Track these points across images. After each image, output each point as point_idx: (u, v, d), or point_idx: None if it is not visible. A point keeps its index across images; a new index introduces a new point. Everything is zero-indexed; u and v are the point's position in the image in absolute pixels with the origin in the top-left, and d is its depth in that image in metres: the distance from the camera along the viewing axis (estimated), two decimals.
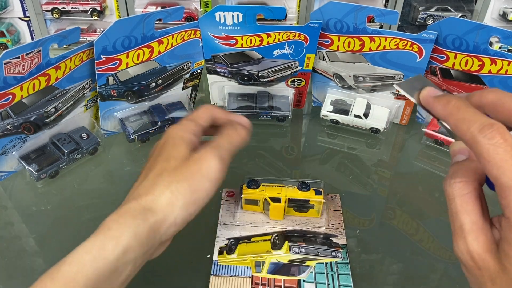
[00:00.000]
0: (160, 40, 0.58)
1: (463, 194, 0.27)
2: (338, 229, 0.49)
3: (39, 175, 0.55)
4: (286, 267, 0.44)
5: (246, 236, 0.46)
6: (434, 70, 0.62)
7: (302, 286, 0.42)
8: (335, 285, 0.43)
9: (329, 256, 0.45)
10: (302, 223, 0.48)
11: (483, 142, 0.24)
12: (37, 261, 0.47)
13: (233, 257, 0.44)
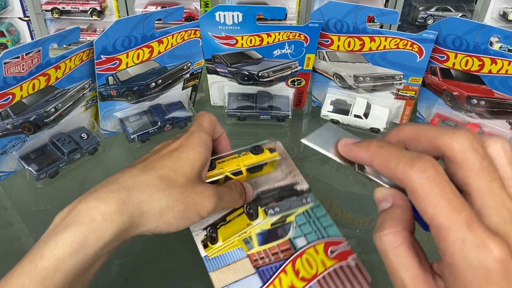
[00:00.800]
0: (160, 40, 0.58)
1: (395, 247, 0.24)
2: (295, 176, 0.49)
3: (39, 175, 0.55)
4: (272, 233, 0.44)
5: (221, 218, 0.45)
6: (434, 70, 0.62)
7: (295, 244, 0.43)
8: (319, 228, 0.44)
9: (302, 205, 0.46)
10: (263, 183, 0.48)
11: (415, 177, 0.22)
12: None
13: (219, 245, 0.43)
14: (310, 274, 0.41)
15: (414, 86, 0.63)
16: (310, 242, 0.43)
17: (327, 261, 0.42)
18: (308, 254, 0.42)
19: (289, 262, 0.41)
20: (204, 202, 0.36)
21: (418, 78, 0.62)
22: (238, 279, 0.41)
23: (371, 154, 0.26)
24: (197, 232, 0.45)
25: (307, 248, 0.43)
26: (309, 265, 0.41)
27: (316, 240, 0.43)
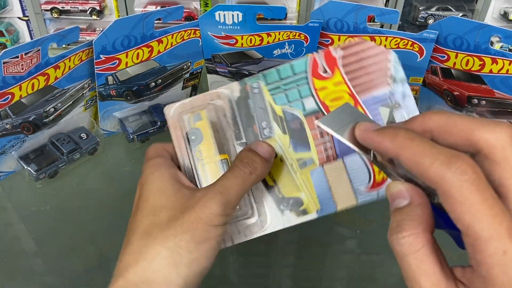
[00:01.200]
0: (160, 40, 0.58)
1: (416, 250, 0.22)
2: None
3: (38, 175, 0.55)
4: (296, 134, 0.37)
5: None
6: (435, 70, 0.62)
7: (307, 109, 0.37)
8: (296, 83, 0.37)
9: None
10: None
11: (452, 179, 0.20)
12: (36, 261, 0.47)
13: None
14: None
15: (414, 86, 0.63)
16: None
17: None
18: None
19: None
20: (206, 211, 0.29)
21: (419, 78, 0.62)
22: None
23: (398, 145, 0.23)
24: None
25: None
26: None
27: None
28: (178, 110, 0.38)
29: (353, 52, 0.36)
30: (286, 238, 0.50)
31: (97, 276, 0.45)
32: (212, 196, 0.30)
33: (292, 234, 0.51)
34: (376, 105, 0.36)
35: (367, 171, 0.36)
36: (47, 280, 0.45)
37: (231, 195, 0.31)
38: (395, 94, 0.36)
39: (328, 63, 0.36)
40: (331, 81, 0.36)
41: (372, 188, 0.36)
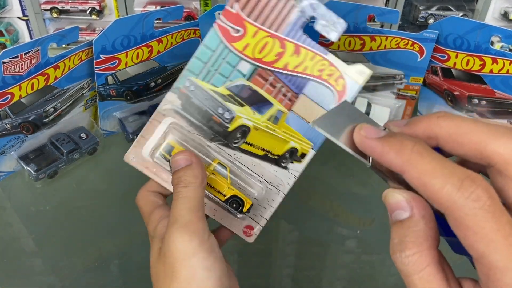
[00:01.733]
0: (160, 40, 0.58)
1: (421, 270, 0.20)
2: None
3: (38, 175, 0.55)
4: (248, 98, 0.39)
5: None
6: (435, 70, 0.62)
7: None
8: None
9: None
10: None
11: (465, 206, 0.18)
12: (36, 261, 0.47)
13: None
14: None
15: (415, 86, 0.63)
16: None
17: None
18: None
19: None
20: (175, 252, 0.29)
21: (419, 78, 0.62)
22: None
23: (405, 161, 0.20)
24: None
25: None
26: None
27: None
28: (143, 154, 0.39)
29: None
30: (286, 238, 0.50)
31: (97, 276, 0.45)
32: (170, 231, 0.29)
33: (292, 234, 0.51)
34: (299, 31, 0.36)
35: (327, 90, 0.37)
36: (47, 280, 0.45)
37: (184, 216, 0.30)
38: (305, 11, 0.36)
39: (234, 22, 0.37)
40: (248, 35, 0.37)
41: (340, 99, 0.37)
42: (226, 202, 0.38)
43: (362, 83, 0.36)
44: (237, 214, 0.39)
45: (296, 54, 0.37)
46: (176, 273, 0.28)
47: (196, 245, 0.28)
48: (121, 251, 0.48)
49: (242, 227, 0.39)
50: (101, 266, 0.46)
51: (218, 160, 0.38)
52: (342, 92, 0.37)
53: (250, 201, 0.38)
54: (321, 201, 0.55)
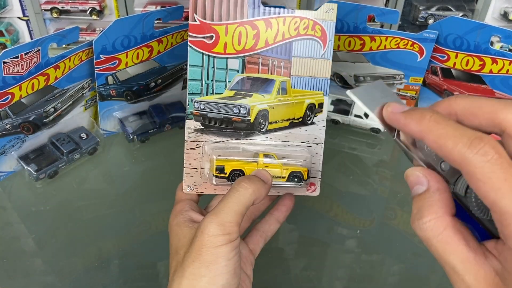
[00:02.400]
0: (160, 40, 0.58)
1: (439, 234, 0.23)
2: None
3: (38, 175, 0.55)
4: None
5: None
6: (435, 70, 0.62)
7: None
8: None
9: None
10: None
11: (475, 161, 0.21)
12: (36, 261, 0.47)
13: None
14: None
15: (414, 86, 0.63)
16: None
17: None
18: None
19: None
20: (204, 235, 0.32)
21: (419, 78, 0.62)
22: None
23: (424, 128, 0.23)
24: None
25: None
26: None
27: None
28: (197, 182, 0.41)
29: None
30: (286, 238, 0.50)
31: (97, 276, 0.45)
32: (208, 221, 0.33)
33: (292, 234, 0.51)
34: (260, 7, 0.39)
35: (311, 41, 0.40)
36: (47, 280, 0.45)
37: (226, 214, 0.33)
38: None
39: (203, 31, 0.39)
40: (221, 36, 0.39)
41: (324, 46, 0.40)
42: (289, 181, 0.41)
43: (335, 17, 0.39)
44: (303, 183, 0.42)
45: (269, 27, 0.39)
46: (200, 255, 0.32)
47: (224, 240, 0.32)
48: (121, 251, 0.48)
49: (305, 188, 0.43)
50: (101, 266, 0.46)
51: (262, 153, 0.41)
52: (324, 35, 0.40)
53: (306, 168, 0.41)
54: (321, 201, 0.55)
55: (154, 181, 0.58)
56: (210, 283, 0.31)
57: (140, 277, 0.46)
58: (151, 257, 0.48)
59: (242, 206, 0.34)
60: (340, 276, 0.46)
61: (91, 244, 0.49)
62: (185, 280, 0.31)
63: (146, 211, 0.53)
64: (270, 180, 0.38)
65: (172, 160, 0.61)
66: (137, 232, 0.50)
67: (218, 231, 0.32)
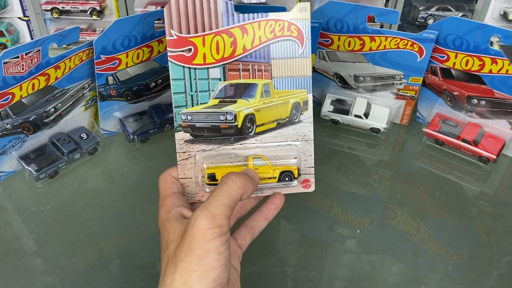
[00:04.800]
0: (160, 40, 0.58)
1: None
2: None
3: (39, 175, 0.55)
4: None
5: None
6: (435, 70, 0.62)
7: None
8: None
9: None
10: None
11: None
12: (36, 261, 0.47)
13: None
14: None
15: (414, 86, 0.63)
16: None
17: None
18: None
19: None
20: (195, 228, 0.32)
21: (419, 78, 0.62)
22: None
23: None
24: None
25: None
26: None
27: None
28: (193, 191, 0.41)
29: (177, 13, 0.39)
30: (286, 238, 0.50)
31: (97, 276, 0.45)
32: (198, 214, 0.33)
33: (292, 234, 0.51)
34: (234, 14, 0.40)
35: (288, 42, 0.41)
36: (47, 280, 0.45)
37: (216, 206, 0.33)
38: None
39: (180, 45, 0.40)
40: (199, 48, 0.40)
41: (302, 45, 0.41)
42: (280, 181, 0.42)
43: (309, 16, 0.40)
44: (294, 182, 0.42)
45: (245, 33, 0.40)
46: (192, 249, 0.32)
47: (215, 233, 0.32)
48: (121, 251, 0.48)
49: (300, 185, 0.43)
50: (101, 266, 0.46)
51: (251, 156, 0.41)
52: (300, 34, 0.41)
53: (296, 167, 0.42)
54: (321, 201, 0.55)
55: (154, 181, 0.57)
56: (201, 277, 0.31)
57: (140, 277, 0.46)
58: (151, 257, 0.48)
59: (231, 199, 0.34)
60: (340, 276, 0.46)
61: (91, 244, 0.49)
62: (177, 275, 0.32)
63: (146, 211, 0.53)
64: (257, 178, 0.39)
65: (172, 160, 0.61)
66: (137, 232, 0.50)
67: (208, 224, 0.32)
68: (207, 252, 0.32)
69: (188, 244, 0.32)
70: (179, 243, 0.33)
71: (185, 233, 0.33)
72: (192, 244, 0.32)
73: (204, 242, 0.32)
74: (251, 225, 0.41)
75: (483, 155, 0.59)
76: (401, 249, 0.49)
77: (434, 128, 0.63)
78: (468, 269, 0.46)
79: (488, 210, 0.54)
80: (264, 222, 0.41)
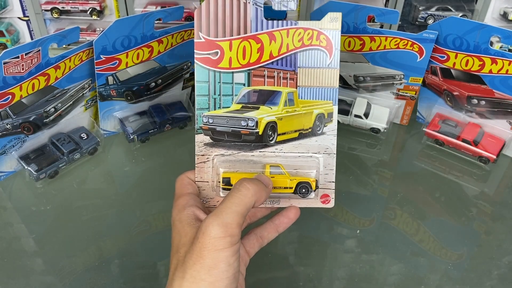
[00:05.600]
0: (160, 40, 0.58)
1: None
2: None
3: (39, 175, 0.55)
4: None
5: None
6: (435, 70, 0.62)
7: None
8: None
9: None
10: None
11: None
12: (36, 261, 0.47)
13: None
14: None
15: (414, 86, 0.63)
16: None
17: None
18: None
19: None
20: (206, 236, 0.31)
21: (419, 78, 0.62)
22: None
23: None
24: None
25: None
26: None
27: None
28: (209, 195, 0.40)
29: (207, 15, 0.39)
30: (286, 238, 0.50)
31: (97, 276, 0.45)
32: (210, 222, 0.32)
33: (292, 234, 0.51)
34: (263, 21, 0.40)
35: (316, 51, 0.40)
36: (47, 280, 0.45)
37: (228, 215, 0.32)
38: (257, 1, 0.39)
39: (208, 48, 0.39)
40: (226, 52, 0.39)
41: (330, 55, 0.40)
42: (296, 192, 0.41)
43: (340, 26, 0.39)
44: (311, 195, 0.41)
45: (273, 40, 0.39)
46: (201, 258, 0.31)
47: (226, 243, 0.31)
48: (121, 251, 0.48)
49: (319, 200, 0.42)
50: (101, 266, 0.46)
51: (269, 164, 0.41)
52: (329, 44, 0.40)
53: (314, 179, 0.41)
54: None
55: (154, 181, 0.58)
56: (209, 287, 0.31)
57: (140, 277, 0.46)
58: (151, 257, 0.48)
59: (243, 206, 0.33)
60: (340, 276, 0.46)
61: (91, 244, 0.49)
62: (186, 282, 0.31)
63: (146, 211, 0.53)
64: (270, 185, 0.38)
65: (172, 160, 0.61)
66: (137, 232, 0.50)
67: (220, 233, 0.31)
68: (217, 263, 0.31)
69: (198, 252, 0.31)
70: (189, 249, 0.32)
71: (196, 240, 0.32)
72: (202, 252, 0.31)
73: (214, 252, 0.31)
74: (261, 234, 0.40)
75: (483, 155, 0.59)
76: (401, 249, 0.49)
77: (434, 128, 0.63)
78: (468, 269, 0.46)
79: (488, 210, 0.54)
80: (274, 234, 0.41)
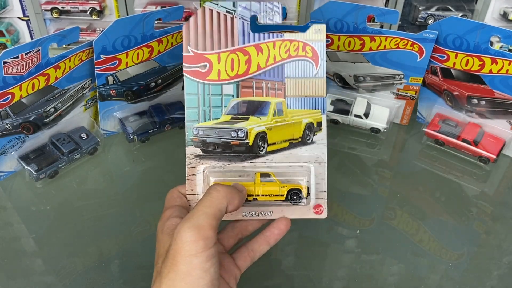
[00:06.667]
0: (160, 40, 0.58)
1: None
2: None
3: (39, 175, 0.55)
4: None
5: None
6: (435, 70, 0.62)
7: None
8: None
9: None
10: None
11: None
12: (36, 261, 0.47)
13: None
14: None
15: (414, 86, 0.63)
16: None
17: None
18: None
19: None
20: (178, 242, 0.30)
21: (419, 78, 0.62)
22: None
23: None
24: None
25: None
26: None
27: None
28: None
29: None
30: (286, 238, 0.50)
31: (97, 276, 0.45)
32: (181, 226, 0.31)
33: (292, 234, 0.51)
34: (249, 34, 0.40)
35: (302, 62, 0.41)
36: (47, 280, 0.45)
37: (199, 217, 0.31)
38: (243, 14, 0.40)
39: (196, 61, 0.41)
40: (214, 64, 0.40)
41: (317, 66, 0.41)
42: (287, 199, 0.41)
43: (324, 37, 0.40)
44: (302, 202, 0.41)
45: (260, 52, 0.40)
46: (175, 265, 0.30)
47: (200, 247, 0.30)
48: (121, 251, 0.48)
49: (311, 210, 0.42)
50: (101, 266, 0.46)
51: (259, 172, 0.41)
52: (315, 55, 0.41)
53: (305, 185, 0.41)
54: None
55: (154, 181, 0.58)
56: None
57: (140, 277, 0.46)
58: (151, 257, 0.48)
59: (215, 208, 0.32)
60: (340, 276, 0.46)
61: (91, 244, 0.49)
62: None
63: (146, 211, 0.53)
64: (244, 190, 0.38)
65: (172, 160, 0.61)
66: (137, 232, 0.50)
67: (192, 236, 0.30)
68: (191, 269, 0.30)
69: (172, 258, 0.30)
70: (165, 258, 0.31)
71: (170, 247, 0.31)
72: (175, 259, 0.30)
73: (187, 257, 0.30)
74: (252, 247, 0.39)
75: (483, 155, 0.59)
76: (401, 249, 0.49)
77: (434, 128, 0.63)
78: (468, 269, 0.46)
79: (488, 210, 0.54)
80: (265, 247, 0.39)
